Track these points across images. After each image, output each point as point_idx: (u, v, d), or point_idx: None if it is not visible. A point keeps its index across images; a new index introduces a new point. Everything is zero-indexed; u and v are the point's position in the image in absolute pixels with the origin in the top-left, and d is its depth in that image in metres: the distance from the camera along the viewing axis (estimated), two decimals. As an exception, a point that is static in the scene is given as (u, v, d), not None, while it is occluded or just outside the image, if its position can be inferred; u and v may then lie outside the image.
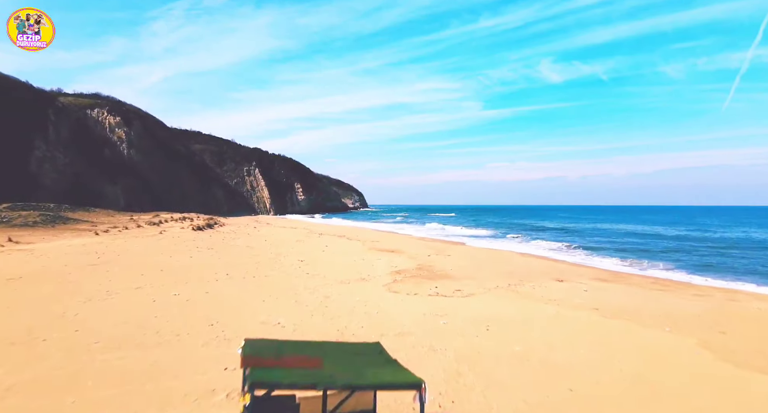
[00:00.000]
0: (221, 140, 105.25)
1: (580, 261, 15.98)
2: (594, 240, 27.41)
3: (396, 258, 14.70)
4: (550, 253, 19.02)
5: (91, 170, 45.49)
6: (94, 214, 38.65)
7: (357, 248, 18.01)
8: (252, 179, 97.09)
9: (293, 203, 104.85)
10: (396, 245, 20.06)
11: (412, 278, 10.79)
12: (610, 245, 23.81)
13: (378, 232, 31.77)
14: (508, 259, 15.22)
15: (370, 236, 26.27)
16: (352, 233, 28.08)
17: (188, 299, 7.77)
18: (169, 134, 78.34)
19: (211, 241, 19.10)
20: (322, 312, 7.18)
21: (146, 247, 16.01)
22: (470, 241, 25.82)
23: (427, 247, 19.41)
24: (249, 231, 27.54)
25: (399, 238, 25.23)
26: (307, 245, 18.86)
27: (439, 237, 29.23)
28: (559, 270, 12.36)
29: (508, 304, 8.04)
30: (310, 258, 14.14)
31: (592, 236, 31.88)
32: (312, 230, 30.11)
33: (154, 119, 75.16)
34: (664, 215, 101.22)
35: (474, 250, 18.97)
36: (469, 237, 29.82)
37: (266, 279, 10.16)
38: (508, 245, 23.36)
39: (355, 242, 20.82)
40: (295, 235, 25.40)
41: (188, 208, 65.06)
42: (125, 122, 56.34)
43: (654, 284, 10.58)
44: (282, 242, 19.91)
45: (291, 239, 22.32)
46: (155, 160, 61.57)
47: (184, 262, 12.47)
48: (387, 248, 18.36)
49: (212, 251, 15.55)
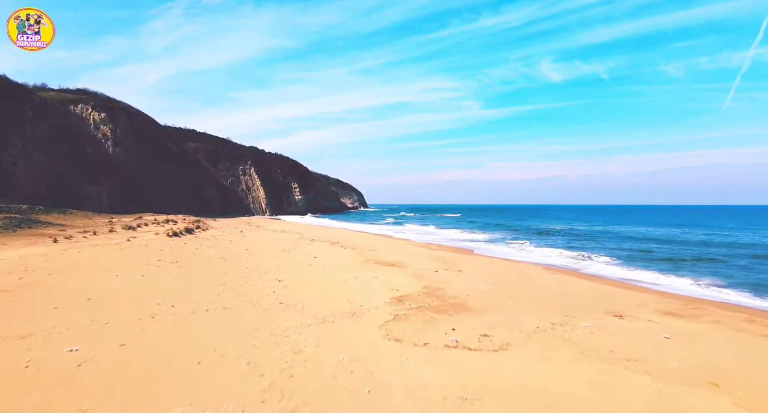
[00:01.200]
0: (216, 138, 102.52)
1: (620, 278, 13.33)
2: (615, 246, 24.74)
3: (397, 276, 12.04)
4: (578, 264, 16.37)
5: (72, 170, 42.75)
6: (71, 216, 35.93)
7: (351, 260, 15.35)
8: (247, 179, 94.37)
9: (290, 203, 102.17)
10: (396, 255, 17.42)
11: (419, 310, 8.13)
12: (639, 255, 21.13)
13: (376, 237, 29.11)
14: (534, 277, 12.56)
15: (368, 242, 23.62)
16: (348, 239, 25.42)
17: (80, 364, 5.10)
18: (161, 131, 75.54)
19: (182, 251, 16.42)
20: (280, 392, 4.52)
21: (97, 260, 13.33)
22: (479, 247, 23.16)
23: (433, 258, 16.76)
24: (234, 236, 24.87)
25: (399, 245, 22.58)
26: (292, 257, 16.20)
27: (444, 242, 26.58)
28: (606, 296, 9.70)
29: (567, 367, 5.38)
30: (292, 277, 11.48)
31: (609, 240, 29.23)
32: (303, 235, 27.44)
33: (144, 115, 72.35)
34: (669, 215, 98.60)
35: (487, 261, 16.31)
36: (476, 241, 27.16)
37: (223, 314, 7.50)
38: (523, 253, 20.71)
39: (349, 252, 18.16)
40: (284, 241, 22.73)
41: (180, 209, 62.37)
42: (111, 118, 53.55)
43: (752, 324, 7.86)
44: (265, 252, 17.24)
45: (277, 247, 19.65)
46: (144, 158, 58.82)
47: (128, 284, 9.80)
48: (386, 260, 15.71)
49: (176, 265, 12.88)
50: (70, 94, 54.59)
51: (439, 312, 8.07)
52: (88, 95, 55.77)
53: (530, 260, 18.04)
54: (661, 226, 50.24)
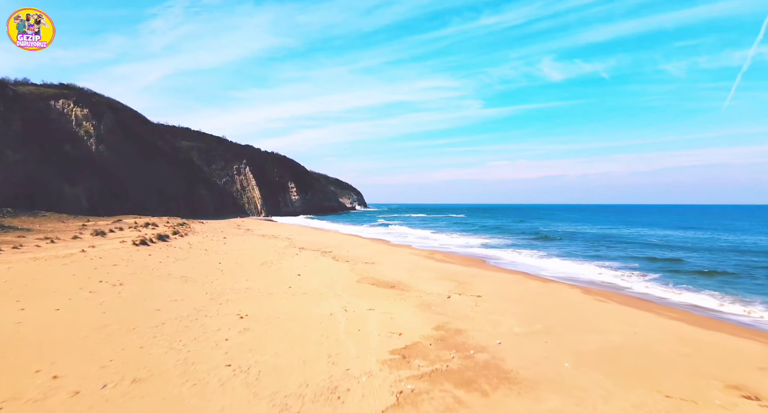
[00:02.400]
0: (211, 136, 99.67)
1: (681, 304, 10.50)
2: (639, 255, 21.94)
3: (398, 307, 9.26)
4: (615, 281, 13.56)
5: (49, 169, 39.87)
6: (42, 219, 33.09)
7: (342, 279, 12.55)
8: (242, 179, 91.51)
9: (286, 203, 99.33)
10: (397, 270, 14.62)
11: (434, 381, 5.35)
12: (672, 266, 18.34)
13: (374, 243, 26.30)
14: (577, 306, 9.75)
15: (364, 251, 20.81)
16: (342, 247, 22.61)
17: None
18: (151, 129, 72.67)
19: (139, 267, 13.61)
20: None
21: (20, 281, 10.50)
22: (490, 255, 20.36)
23: (441, 274, 13.97)
24: (213, 244, 22.06)
25: (400, 255, 19.77)
26: (272, 274, 13.40)
27: (450, 249, 23.78)
28: (697, 347, 6.89)
29: None
30: (260, 311, 8.68)
31: (628, 246, 26.43)
32: (293, 242, 24.63)
33: (132, 112, 69.49)
34: (674, 215, 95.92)
35: (507, 279, 13.50)
36: (486, 248, 24.36)
37: (124, 399, 4.70)
38: (543, 263, 17.90)
39: (341, 266, 15.37)
40: (269, 250, 19.94)
41: (170, 210, 59.58)
42: (94, 114, 50.65)
43: None
44: (240, 267, 14.43)
45: (258, 258, 16.84)
46: (131, 157, 55.94)
47: (29, 324, 7.00)
48: (384, 278, 12.91)
49: (116, 290, 10.07)
50: (51, 89, 51.69)
51: (465, 384, 5.27)
52: (70, 90, 52.87)
53: (555, 274, 15.26)
54: (675, 228, 47.50)
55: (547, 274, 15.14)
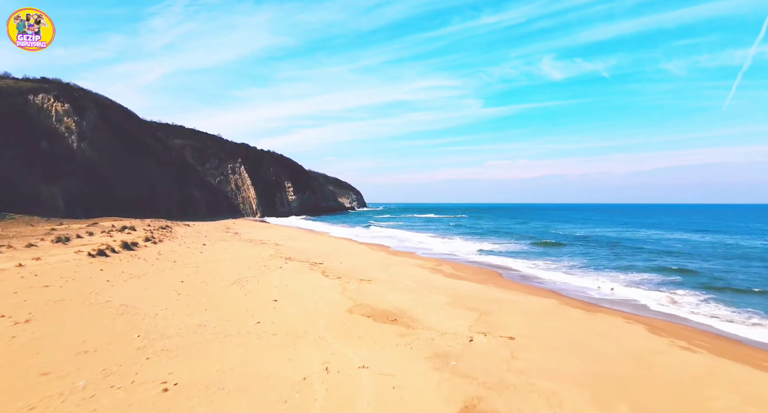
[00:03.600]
0: (205, 135, 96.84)
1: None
2: (674, 265, 19.10)
3: (403, 363, 6.48)
4: (679, 312, 10.75)
5: (22, 168, 37.04)
6: (8, 223, 30.30)
7: (328, 308, 9.76)
8: (237, 178, 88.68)
9: (283, 203, 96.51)
10: (399, 293, 11.81)
11: None
12: (726, 280, 15.54)
13: (372, 250, 23.50)
14: (668, 364, 6.91)
15: (360, 262, 18.02)
16: (335, 256, 19.82)
17: None
18: (141, 126, 69.78)
19: (74, 290, 10.80)
20: None
21: None
22: (506, 266, 17.54)
23: (456, 298, 11.17)
24: (186, 253, 19.28)
25: (402, 268, 16.96)
26: (241, 298, 10.60)
27: (458, 257, 21.01)
28: None
29: None
30: (198, 378, 5.89)
31: (660, 255, 23.64)
32: (281, 249, 21.84)
33: (121, 108, 66.64)
34: (682, 216, 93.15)
35: (544, 307, 10.69)
36: (498, 256, 21.57)
37: None
38: (574, 277, 15.08)
39: (331, 284, 12.58)
40: (249, 261, 17.15)
41: (158, 210, 56.82)
42: (76, 109, 47.76)
43: None
44: (205, 289, 11.64)
45: (232, 274, 14.04)
46: (117, 155, 53.08)
47: None
48: (383, 306, 10.11)
49: (12, 332, 7.29)
50: (30, 83, 48.80)
51: None
52: (51, 84, 49.97)
53: (595, 295, 12.49)
54: (689, 231, 44.73)
55: (585, 296, 12.35)
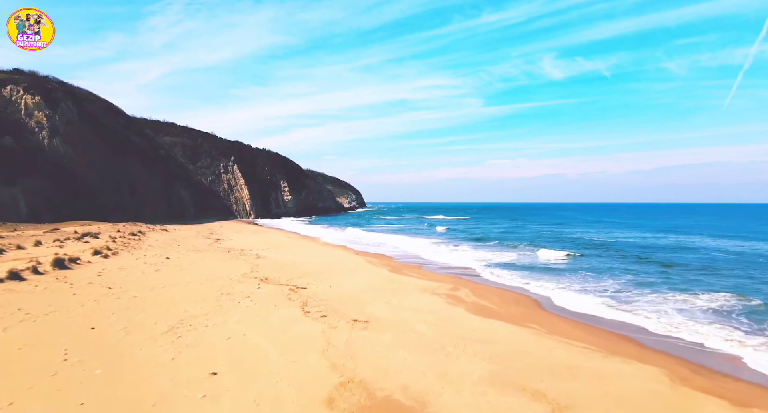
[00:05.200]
0: (197, 132, 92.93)
1: None
2: (735, 284, 15.25)
3: None
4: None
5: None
6: (-50, 229, 26.39)
7: (299, 388, 5.91)
8: (230, 177, 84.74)
9: (278, 204, 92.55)
10: (411, 352, 7.92)
11: None
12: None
13: (371, 265, 19.61)
14: None
15: (355, 284, 14.12)
16: (326, 274, 15.95)
17: None
18: (127, 122, 65.82)
19: None
20: None
21: None
22: (545, 293, 13.62)
23: (502, 368, 7.28)
24: (135, 273, 15.40)
25: (411, 296, 13.04)
26: (166, 364, 6.73)
27: (477, 275, 17.15)
28: None
29: None
30: None
31: (737, 272, 19.75)
32: (259, 265, 17.95)
33: (104, 103, 62.72)
34: (686, 216, 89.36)
35: (657, 394, 6.80)
36: (524, 271, 17.71)
37: None
38: (652, 320, 11.14)
39: (312, 329, 8.70)
40: (212, 286, 13.28)
41: (141, 212, 52.88)
42: (48, 102, 43.82)
43: None
44: (123, 340, 7.79)
45: (176, 312, 10.16)
46: (97, 152, 49.14)
47: None
48: (386, 382, 6.25)
49: None
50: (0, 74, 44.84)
51: None
52: (22, 75, 46.02)
53: (710, 353, 8.65)
54: (725, 236, 40.89)
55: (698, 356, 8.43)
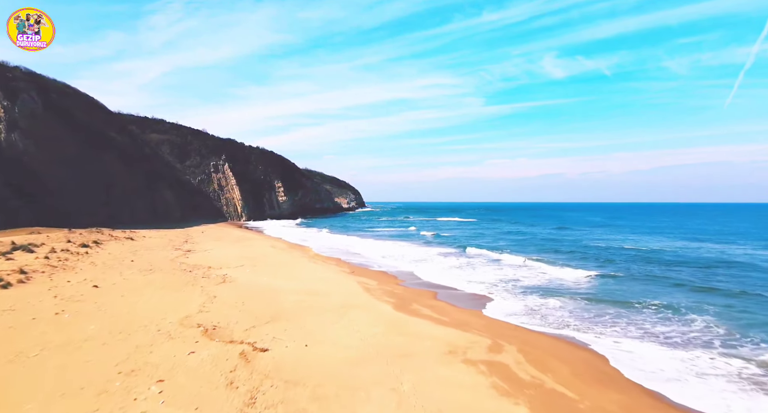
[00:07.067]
0: (187, 129, 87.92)
1: None
2: None
3: None
4: None
5: None
6: None
7: None
8: (220, 177, 79.88)
9: (272, 205, 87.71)
10: None
11: None
12: None
13: (370, 300, 14.82)
14: None
15: (344, 342, 9.39)
16: (297, 319, 11.18)
17: None
18: (106, 117, 60.89)
19: None
20: None
21: None
22: (617, 348, 8.90)
23: None
24: (27, 320, 10.66)
25: (432, 372, 8.29)
26: None
27: (526, 322, 12.45)
28: None
29: None
30: None
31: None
32: (217, 296, 13.19)
33: (83, 96, 57.79)
34: (712, 218, 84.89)
35: None
36: (580, 318, 13.05)
37: None
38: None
39: None
40: (132, 339, 8.54)
41: (118, 215, 48.07)
42: (7, 93, 38.99)
43: None
44: None
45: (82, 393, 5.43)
46: (66, 149, 44.26)
47: None
48: None
49: None
50: (-47, 61, 39.96)
51: None
52: (-21, 63, 41.16)
53: None
54: (741, 242, 36.26)
55: None
